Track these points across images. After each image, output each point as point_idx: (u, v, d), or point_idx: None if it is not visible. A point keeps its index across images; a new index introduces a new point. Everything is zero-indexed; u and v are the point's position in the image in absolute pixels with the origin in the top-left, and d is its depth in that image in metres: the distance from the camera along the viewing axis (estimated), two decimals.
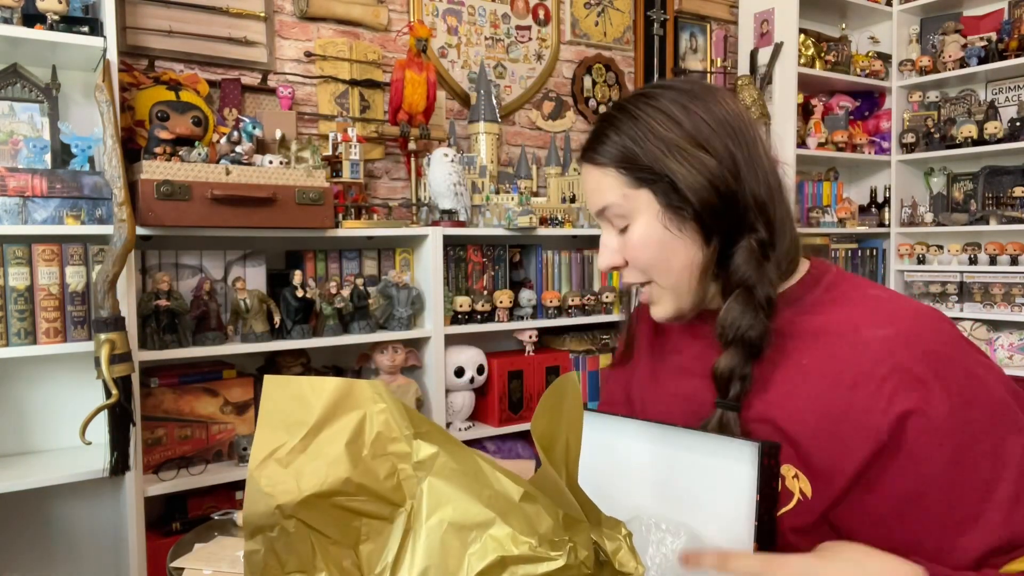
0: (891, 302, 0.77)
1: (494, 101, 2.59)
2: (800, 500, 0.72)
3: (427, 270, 2.24)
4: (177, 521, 1.88)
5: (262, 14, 2.24)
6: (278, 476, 0.61)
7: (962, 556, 0.68)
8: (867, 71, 3.35)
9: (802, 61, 3.16)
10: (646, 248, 0.80)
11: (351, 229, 2.08)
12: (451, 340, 2.29)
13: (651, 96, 0.81)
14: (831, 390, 0.73)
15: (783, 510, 0.73)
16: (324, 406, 0.63)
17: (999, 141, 3.01)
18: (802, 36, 3.20)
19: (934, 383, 0.70)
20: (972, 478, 0.69)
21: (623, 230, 0.82)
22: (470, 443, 2.32)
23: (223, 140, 1.90)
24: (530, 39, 2.82)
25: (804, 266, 0.85)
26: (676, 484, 0.77)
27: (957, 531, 0.69)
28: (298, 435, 0.63)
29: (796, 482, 0.73)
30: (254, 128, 1.96)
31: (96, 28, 1.74)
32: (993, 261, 3.04)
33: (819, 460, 0.72)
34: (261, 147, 2.00)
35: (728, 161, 0.77)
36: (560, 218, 2.55)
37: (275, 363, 2.08)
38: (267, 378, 0.64)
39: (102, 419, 1.65)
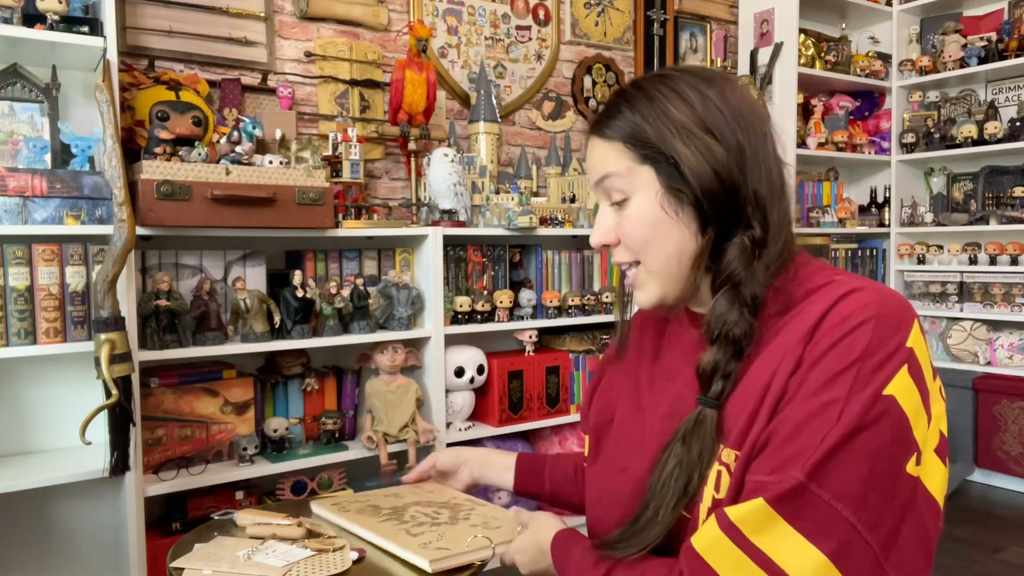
0: (843, 285, 0.73)
1: (494, 101, 2.59)
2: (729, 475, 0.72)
3: (427, 270, 2.24)
4: (177, 521, 1.88)
5: (262, 14, 2.24)
6: None
7: None
8: (867, 71, 3.35)
9: (802, 61, 3.16)
10: (641, 225, 0.80)
11: (351, 229, 2.08)
12: (451, 340, 2.29)
13: (669, 78, 0.81)
14: (763, 372, 0.73)
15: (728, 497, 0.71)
16: None
17: (999, 141, 3.01)
18: (802, 36, 3.20)
19: (814, 368, 0.69)
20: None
21: (620, 204, 0.82)
22: (470, 443, 2.33)
23: (223, 140, 1.90)
24: (530, 39, 2.82)
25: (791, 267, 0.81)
26: None
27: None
28: None
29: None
30: (254, 128, 1.96)
31: (96, 28, 1.74)
32: (993, 261, 3.04)
33: (741, 433, 0.72)
34: (261, 147, 2.00)
35: (735, 152, 0.77)
36: (560, 218, 2.55)
37: (275, 363, 2.08)
38: None
39: (102, 419, 1.64)
